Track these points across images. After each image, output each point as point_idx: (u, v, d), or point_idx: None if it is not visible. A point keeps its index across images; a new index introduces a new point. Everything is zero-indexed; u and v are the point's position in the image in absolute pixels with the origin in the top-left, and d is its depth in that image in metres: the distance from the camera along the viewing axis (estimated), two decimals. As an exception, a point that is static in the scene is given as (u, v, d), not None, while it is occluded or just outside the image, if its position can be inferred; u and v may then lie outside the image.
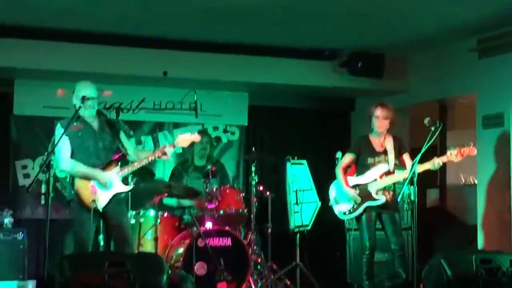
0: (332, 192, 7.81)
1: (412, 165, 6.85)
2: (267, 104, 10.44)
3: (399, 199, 7.35)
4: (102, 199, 6.70)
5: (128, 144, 7.10)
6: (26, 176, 9.31)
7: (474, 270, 6.10)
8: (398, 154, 7.50)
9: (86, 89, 6.81)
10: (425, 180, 7.82)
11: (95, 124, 6.88)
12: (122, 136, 7.04)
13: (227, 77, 9.45)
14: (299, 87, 9.88)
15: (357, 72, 9.51)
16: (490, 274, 6.10)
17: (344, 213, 7.63)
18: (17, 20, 8.25)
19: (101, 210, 6.67)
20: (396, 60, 9.76)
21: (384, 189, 7.43)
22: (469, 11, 7.75)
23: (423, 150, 6.88)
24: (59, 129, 6.71)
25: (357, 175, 7.65)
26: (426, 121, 6.91)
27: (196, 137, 7.17)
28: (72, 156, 6.75)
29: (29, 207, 9.16)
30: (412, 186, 6.83)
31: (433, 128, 6.79)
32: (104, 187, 6.73)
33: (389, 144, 7.55)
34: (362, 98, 10.72)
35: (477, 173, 8.85)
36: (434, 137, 6.80)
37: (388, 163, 7.47)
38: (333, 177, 7.85)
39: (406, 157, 7.52)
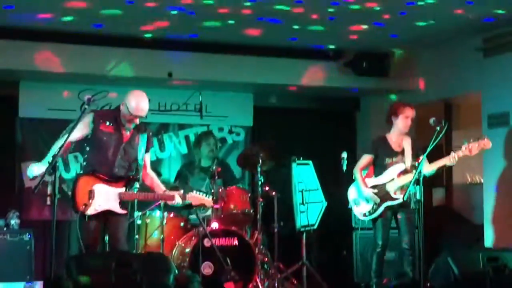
0: (351, 193, 7.81)
1: (418, 165, 6.87)
2: (272, 105, 10.44)
3: (405, 199, 7.34)
4: (93, 208, 6.45)
5: (148, 164, 6.85)
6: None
7: (481, 268, 6.10)
8: (416, 156, 7.41)
9: (141, 107, 6.56)
10: (431, 180, 7.81)
11: (127, 133, 6.66)
12: (147, 155, 6.83)
13: (232, 78, 9.45)
14: (304, 88, 9.87)
15: (362, 72, 9.51)
16: (497, 272, 6.10)
17: (364, 214, 7.63)
18: (22, 22, 8.26)
19: (87, 216, 6.42)
20: (401, 60, 9.75)
21: (402, 188, 7.39)
22: (474, 10, 7.74)
23: (428, 149, 6.90)
24: (90, 115, 6.55)
25: (375, 176, 7.65)
26: (431, 120, 6.92)
27: (209, 202, 7.02)
28: (89, 149, 6.60)
29: (35, 209, 9.16)
30: (418, 186, 6.84)
31: (438, 128, 6.80)
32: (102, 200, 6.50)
33: (407, 144, 7.53)
34: (367, 98, 10.72)
35: (483, 172, 8.85)
36: (440, 136, 6.81)
37: (405, 163, 7.45)
38: (339, 176, 7.86)
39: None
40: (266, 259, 8.24)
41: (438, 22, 8.22)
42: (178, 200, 6.77)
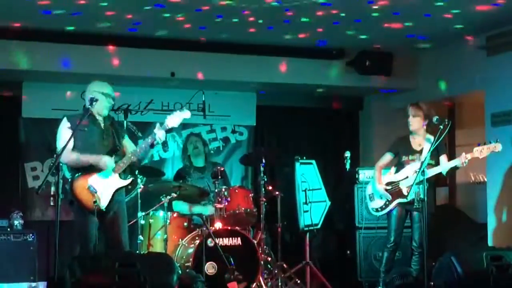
0: (369, 189, 7.91)
1: (422, 164, 6.87)
2: (275, 104, 10.43)
3: (409, 198, 7.34)
4: (103, 199, 6.58)
5: (130, 148, 6.98)
6: (36, 178, 9.33)
7: (484, 267, 6.09)
8: (436, 155, 7.38)
9: (103, 88, 6.80)
10: (434, 179, 7.83)
11: (102, 123, 6.81)
12: (126, 139, 6.98)
13: (235, 77, 9.45)
14: (307, 87, 9.87)
15: (365, 71, 9.51)
16: (500, 271, 6.08)
17: (377, 210, 7.72)
18: (24, 22, 8.27)
19: (104, 209, 6.56)
20: (404, 59, 9.74)
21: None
22: (477, 8, 7.73)
23: (432, 148, 6.92)
24: (64, 123, 6.67)
25: (395, 174, 7.69)
26: (434, 119, 6.94)
27: (187, 114, 7.04)
28: (76, 149, 6.62)
29: (39, 209, 9.18)
30: (421, 185, 6.84)
31: (441, 127, 6.80)
32: (104, 171, 6.62)
33: (427, 143, 7.47)
34: (371, 97, 10.72)
35: (486, 171, 8.84)
36: (443, 135, 6.81)
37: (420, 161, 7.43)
38: (342, 176, 7.87)
39: (443, 158, 7.48)
40: (269, 258, 8.26)
41: (442, 21, 8.20)
42: (162, 134, 6.82)
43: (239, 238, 7.68)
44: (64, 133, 6.60)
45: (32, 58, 8.65)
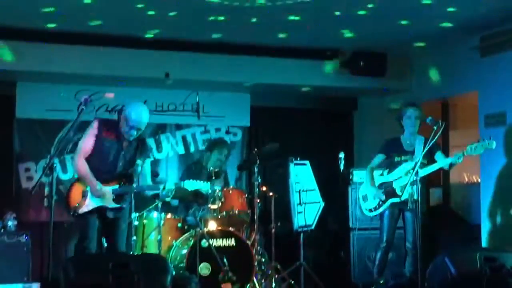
0: (362, 190, 7.95)
1: (415, 165, 6.88)
2: (269, 105, 10.43)
3: (403, 198, 7.36)
4: (85, 206, 6.71)
5: (147, 173, 7.13)
6: (29, 179, 9.32)
7: (478, 268, 6.10)
8: (429, 154, 7.37)
9: (140, 120, 6.85)
10: (428, 180, 7.84)
11: (125, 141, 6.91)
12: (147, 163, 7.08)
13: (229, 78, 9.44)
14: (301, 87, 9.87)
15: (359, 72, 9.51)
16: (494, 272, 6.09)
17: (370, 210, 7.76)
18: (19, 22, 8.25)
19: (77, 215, 6.69)
20: (398, 59, 9.75)
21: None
22: (471, 9, 7.74)
23: (425, 149, 6.93)
24: (93, 128, 6.83)
25: (387, 174, 7.71)
26: (428, 120, 6.94)
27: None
28: (89, 157, 6.78)
29: (32, 210, 9.16)
30: (415, 186, 6.85)
31: (435, 127, 6.82)
32: (95, 198, 6.76)
33: (419, 143, 7.52)
34: (365, 98, 10.72)
35: (480, 172, 8.84)
36: (437, 136, 6.82)
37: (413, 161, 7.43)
38: (336, 177, 7.86)
39: (438, 155, 7.49)
40: (263, 259, 8.26)
41: (435, 21, 8.21)
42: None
43: (233, 239, 7.68)
44: (89, 139, 6.80)
45: (26, 58, 8.63)
